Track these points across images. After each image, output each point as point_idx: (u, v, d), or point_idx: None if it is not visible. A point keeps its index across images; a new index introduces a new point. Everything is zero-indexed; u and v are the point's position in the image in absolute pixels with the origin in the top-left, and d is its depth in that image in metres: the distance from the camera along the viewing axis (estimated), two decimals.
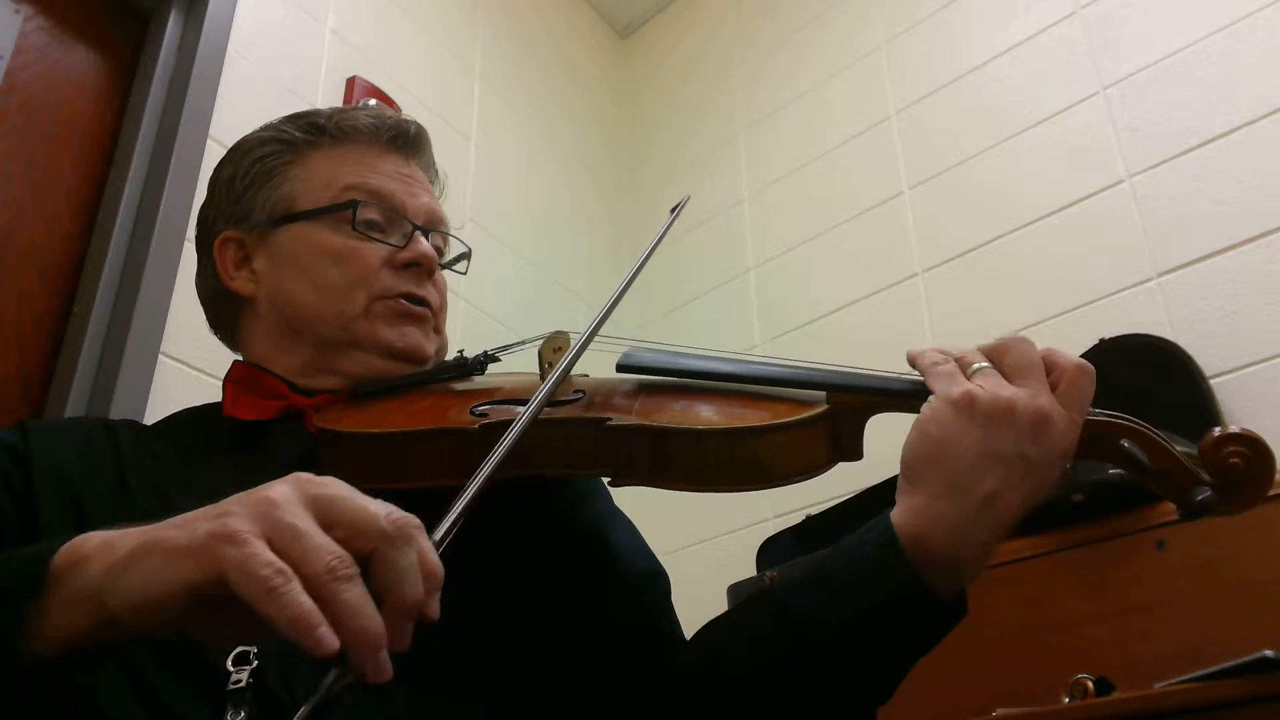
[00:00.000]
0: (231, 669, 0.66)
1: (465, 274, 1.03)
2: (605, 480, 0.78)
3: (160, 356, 1.66)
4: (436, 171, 1.02)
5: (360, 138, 0.95)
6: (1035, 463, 0.67)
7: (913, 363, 0.74)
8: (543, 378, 0.85)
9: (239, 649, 0.67)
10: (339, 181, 0.92)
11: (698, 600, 0.82)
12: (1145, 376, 1.72)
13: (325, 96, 2.13)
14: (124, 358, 1.60)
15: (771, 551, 2.06)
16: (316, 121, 0.95)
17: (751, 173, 2.76)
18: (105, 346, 1.64)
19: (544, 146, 2.82)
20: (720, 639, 0.78)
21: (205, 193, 0.99)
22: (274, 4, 2.11)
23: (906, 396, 0.73)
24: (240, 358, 0.95)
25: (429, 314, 0.92)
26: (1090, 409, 0.71)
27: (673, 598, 0.89)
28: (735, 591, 1.86)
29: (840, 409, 0.74)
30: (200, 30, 1.91)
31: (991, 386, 0.69)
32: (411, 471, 0.76)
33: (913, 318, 2.23)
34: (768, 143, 2.76)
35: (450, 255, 1.02)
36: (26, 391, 1.60)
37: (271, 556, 0.47)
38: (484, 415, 0.77)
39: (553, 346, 0.85)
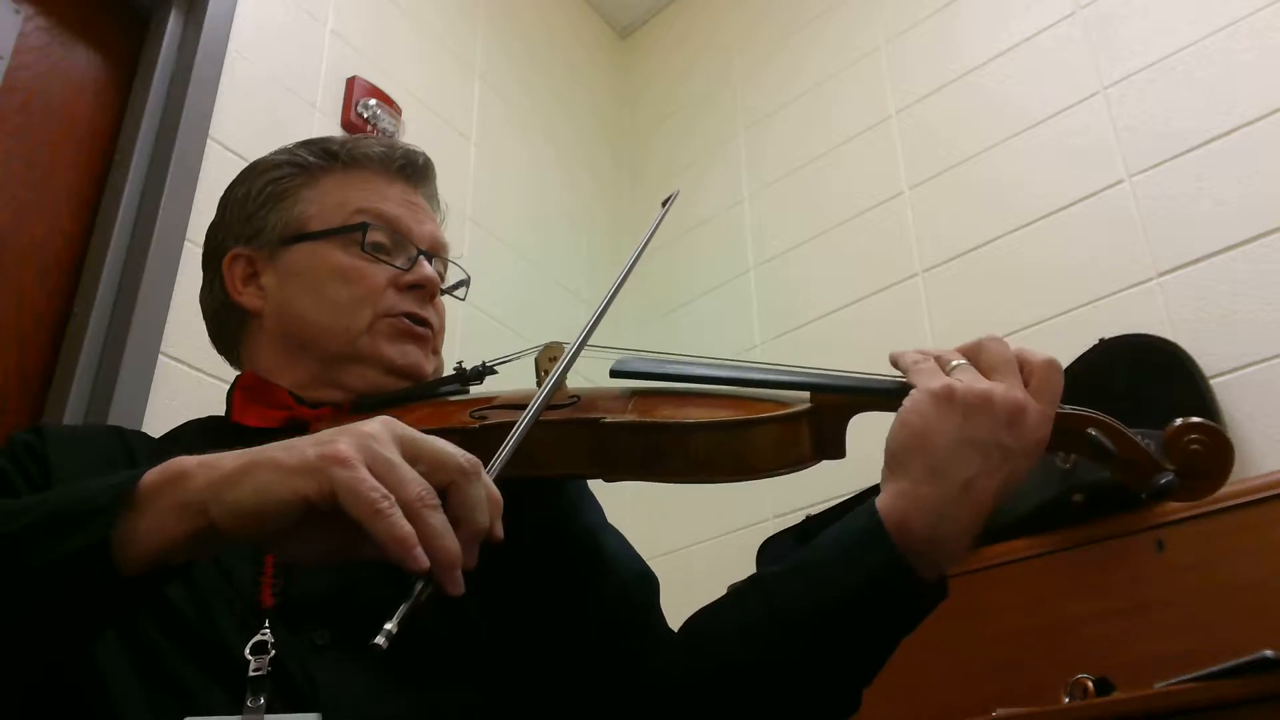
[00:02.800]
0: (250, 658, 0.70)
1: (464, 299, 1.08)
2: (600, 479, 0.81)
3: (160, 357, 1.66)
4: (439, 202, 1.07)
5: (371, 165, 0.99)
6: (1012, 450, 0.72)
7: (895, 363, 0.79)
8: (540, 386, 0.86)
9: (257, 639, 0.71)
10: (350, 204, 0.96)
11: (698, 600, 0.83)
12: (1145, 376, 1.72)
13: (325, 96, 2.13)
14: (124, 358, 1.60)
15: (771, 551, 2.06)
16: (330, 148, 1.00)
17: (751, 173, 2.76)
18: (105, 347, 1.64)
19: (544, 147, 2.82)
20: (707, 625, 0.81)
21: (216, 209, 1.03)
22: (274, 4, 2.11)
23: (888, 395, 0.77)
24: (239, 372, 0.97)
25: (430, 334, 0.96)
26: (1060, 404, 0.75)
27: (673, 597, 0.91)
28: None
29: (823, 407, 0.78)
30: (200, 30, 1.91)
31: (969, 380, 0.74)
32: None
33: (913, 318, 2.23)
34: (768, 143, 2.76)
35: (450, 285, 1.06)
36: (26, 391, 1.60)
37: (376, 482, 0.53)
38: (483, 418, 0.79)
39: (549, 356, 0.88)
